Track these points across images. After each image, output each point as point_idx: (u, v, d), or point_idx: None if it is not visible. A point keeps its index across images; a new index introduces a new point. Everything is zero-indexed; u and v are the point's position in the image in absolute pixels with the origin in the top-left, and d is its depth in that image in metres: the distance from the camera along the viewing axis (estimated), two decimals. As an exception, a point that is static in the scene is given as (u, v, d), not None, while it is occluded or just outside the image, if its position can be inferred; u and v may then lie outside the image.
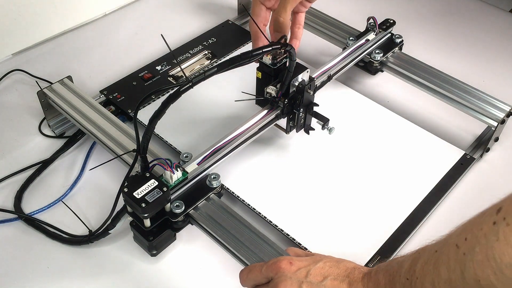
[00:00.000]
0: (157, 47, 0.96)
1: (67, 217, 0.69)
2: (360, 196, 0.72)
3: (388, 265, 0.49)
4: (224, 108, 0.83)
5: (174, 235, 0.66)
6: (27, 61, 0.95)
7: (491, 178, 0.77)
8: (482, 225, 0.37)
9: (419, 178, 0.74)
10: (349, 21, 0.94)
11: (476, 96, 0.80)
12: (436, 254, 0.42)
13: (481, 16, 1.09)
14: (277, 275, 0.52)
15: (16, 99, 0.88)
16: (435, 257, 0.42)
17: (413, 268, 0.45)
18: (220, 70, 0.56)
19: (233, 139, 0.70)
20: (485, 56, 0.99)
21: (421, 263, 0.44)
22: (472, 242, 0.38)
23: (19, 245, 0.68)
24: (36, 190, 0.74)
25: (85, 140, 0.81)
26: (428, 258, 0.43)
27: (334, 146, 0.79)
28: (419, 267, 0.44)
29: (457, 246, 0.39)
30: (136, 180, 0.60)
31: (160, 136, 0.78)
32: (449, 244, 0.41)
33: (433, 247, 0.44)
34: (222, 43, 0.96)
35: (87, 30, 1.03)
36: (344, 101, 0.86)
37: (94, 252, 0.67)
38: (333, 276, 0.52)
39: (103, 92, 0.85)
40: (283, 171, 0.75)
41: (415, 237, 0.69)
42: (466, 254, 0.38)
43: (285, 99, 0.72)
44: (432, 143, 0.80)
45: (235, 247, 0.61)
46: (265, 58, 0.71)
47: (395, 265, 0.48)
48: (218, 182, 0.67)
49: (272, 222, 0.68)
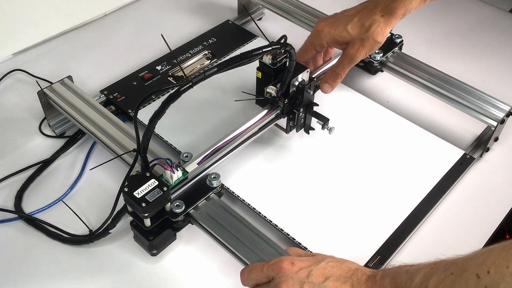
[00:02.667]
0: (157, 47, 0.96)
1: (67, 217, 0.69)
2: (360, 196, 0.72)
3: (395, 273, 0.49)
4: (224, 108, 0.83)
5: (174, 234, 0.66)
6: (27, 61, 0.95)
7: (491, 178, 0.77)
8: (508, 263, 0.37)
9: (419, 178, 0.74)
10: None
11: (476, 96, 0.80)
12: (452, 277, 0.41)
13: (481, 16, 1.09)
14: (278, 275, 0.52)
15: (16, 99, 0.88)
16: (451, 279, 0.41)
17: (425, 283, 0.44)
18: (220, 70, 0.56)
19: (233, 139, 0.70)
20: (485, 56, 0.99)
21: (435, 280, 0.43)
22: (496, 278, 0.38)
23: (19, 245, 0.68)
24: (36, 190, 0.75)
25: (85, 140, 0.81)
26: (444, 278, 0.42)
27: (334, 146, 0.79)
28: (433, 284, 0.43)
29: (478, 276, 0.39)
30: (136, 180, 0.60)
31: (160, 136, 0.78)
32: (468, 271, 0.40)
33: (449, 268, 0.43)
34: (222, 43, 0.96)
35: (87, 30, 1.03)
36: (344, 101, 0.86)
37: (95, 251, 0.67)
38: (335, 277, 0.51)
39: (103, 92, 0.85)
40: (283, 171, 0.75)
41: (415, 237, 0.69)
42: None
43: (285, 99, 0.72)
44: (432, 143, 0.80)
45: (235, 246, 0.61)
46: (265, 58, 0.71)
47: (404, 274, 0.47)
48: (218, 181, 0.67)
49: (272, 221, 0.68)
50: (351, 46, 0.73)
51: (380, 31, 0.71)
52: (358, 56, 0.73)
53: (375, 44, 0.73)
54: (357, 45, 0.72)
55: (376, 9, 0.71)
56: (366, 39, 0.72)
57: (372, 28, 0.71)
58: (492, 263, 0.38)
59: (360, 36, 0.72)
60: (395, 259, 0.66)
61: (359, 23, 0.72)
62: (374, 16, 0.71)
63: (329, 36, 0.74)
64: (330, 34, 0.73)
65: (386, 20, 0.71)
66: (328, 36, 0.74)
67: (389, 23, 0.72)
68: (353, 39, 0.73)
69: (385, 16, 0.71)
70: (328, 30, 0.73)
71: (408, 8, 0.71)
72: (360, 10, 0.73)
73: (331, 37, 0.74)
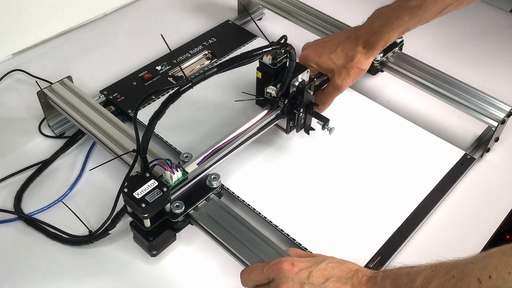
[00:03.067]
0: (157, 47, 0.96)
1: (67, 217, 0.69)
2: (360, 196, 0.72)
3: (396, 274, 0.49)
4: (224, 108, 0.83)
5: (174, 235, 0.66)
6: (27, 61, 0.95)
7: (491, 178, 0.77)
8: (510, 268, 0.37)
9: (419, 178, 0.74)
10: (349, 21, 0.94)
11: (476, 96, 0.80)
12: (453, 280, 0.42)
13: (481, 16, 1.09)
14: (278, 276, 0.52)
15: (16, 99, 0.88)
16: (452, 283, 0.42)
17: (425, 286, 0.44)
18: (220, 70, 0.56)
19: (233, 139, 0.70)
20: (485, 56, 0.99)
21: (436, 283, 0.43)
22: (497, 283, 0.38)
23: (19, 245, 0.68)
24: (36, 190, 0.74)
25: (85, 140, 0.81)
26: (445, 281, 0.42)
27: (334, 146, 0.79)
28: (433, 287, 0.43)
29: (480, 281, 0.39)
30: (136, 180, 0.60)
31: (160, 136, 0.78)
32: (470, 275, 0.40)
33: (450, 271, 0.43)
34: (222, 43, 0.96)
35: (87, 30, 1.03)
36: (344, 101, 0.85)
37: (94, 252, 0.67)
38: (336, 278, 0.51)
39: (103, 92, 0.85)
40: (283, 171, 0.75)
41: (416, 237, 0.69)
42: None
43: (285, 99, 0.72)
44: (432, 143, 0.80)
45: (235, 247, 0.61)
46: (265, 58, 0.71)
47: (404, 276, 0.47)
48: (218, 182, 0.67)
49: (272, 222, 0.68)
50: (337, 76, 0.75)
51: (363, 60, 0.75)
52: (345, 85, 0.76)
53: (360, 72, 0.76)
54: (342, 74, 0.75)
55: (358, 41, 0.75)
56: (350, 68, 0.74)
57: (356, 58, 0.74)
58: (494, 268, 0.38)
59: (345, 65, 0.75)
60: (395, 260, 0.66)
61: (342, 54, 0.75)
62: (356, 48, 0.75)
63: (314, 62, 0.77)
64: (315, 61, 0.76)
65: (368, 51, 0.75)
66: (313, 62, 0.77)
67: (371, 54, 0.75)
68: (338, 68, 0.75)
69: (367, 48, 0.75)
70: (312, 57, 0.77)
71: (387, 41, 0.75)
72: (342, 41, 0.76)
73: (316, 64, 0.77)
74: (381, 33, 0.73)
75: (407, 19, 0.71)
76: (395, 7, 0.72)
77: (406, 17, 0.71)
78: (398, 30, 0.73)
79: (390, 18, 0.72)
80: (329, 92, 0.76)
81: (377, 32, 0.73)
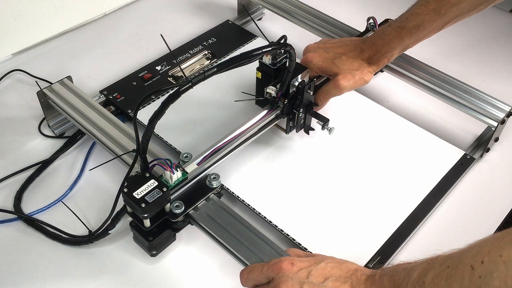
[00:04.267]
0: (157, 47, 0.96)
1: (67, 217, 0.69)
2: (360, 196, 0.72)
3: (393, 271, 0.49)
4: (224, 108, 0.83)
5: (174, 235, 0.66)
6: (27, 61, 0.95)
7: (491, 178, 0.77)
8: (501, 251, 0.37)
9: (419, 178, 0.74)
10: (349, 21, 0.94)
11: (476, 96, 0.80)
12: (448, 270, 0.42)
13: (481, 16, 1.09)
14: (278, 276, 0.52)
15: (16, 99, 0.88)
16: (447, 273, 0.42)
17: (422, 279, 0.44)
18: (220, 70, 0.56)
19: (233, 139, 0.70)
20: (485, 56, 0.99)
21: (432, 275, 0.43)
22: (489, 267, 0.38)
23: (19, 245, 0.68)
24: (36, 190, 0.74)
25: (85, 140, 0.81)
26: (440, 272, 0.43)
27: (334, 146, 0.79)
28: (429, 279, 0.43)
29: (472, 267, 0.39)
30: (136, 180, 0.60)
31: (160, 136, 0.78)
32: (463, 263, 0.40)
33: (445, 262, 0.43)
34: (222, 43, 0.96)
35: (87, 30, 1.03)
36: (344, 101, 0.85)
37: (94, 252, 0.67)
38: (335, 277, 0.51)
39: (103, 92, 0.85)
40: (283, 171, 0.75)
41: (415, 237, 0.69)
42: (482, 278, 0.38)
43: (285, 99, 0.72)
44: (432, 143, 0.80)
45: (235, 247, 0.61)
46: (265, 58, 0.71)
47: (402, 272, 0.47)
48: (218, 182, 0.67)
49: (272, 222, 0.68)
50: (342, 76, 0.75)
51: (367, 73, 0.76)
52: (347, 87, 0.75)
53: (363, 82, 0.76)
54: (348, 76, 0.75)
55: (362, 55, 0.77)
56: (356, 75, 0.75)
57: (361, 68, 0.76)
58: (486, 253, 0.39)
59: (351, 70, 0.75)
60: (395, 259, 0.66)
61: (348, 61, 0.76)
62: (361, 61, 0.76)
63: (317, 67, 0.77)
64: (318, 65, 0.77)
65: (371, 66, 0.77)
66: (317, 66, 0.77)
67: (374, 69, 0.77)
68: (344, 71, 0.75)
69: (370, 64, 0.76)
70: (316, 62, 0.77)
71: (390, 58, 0.77)
72: (348, 51, 0.77)
73: (319, 68, 0.77)
74: (384, 53, 0.75)
75: (406, 39, 0.74)
76: (395, 27, 0.74)
77: (405, 38, 0.73)
78: (399, 49, 0.75)
79: (391, 39, 0.74)
80: (328, 90, 0.76)
81: (379, 51, 0.75)
